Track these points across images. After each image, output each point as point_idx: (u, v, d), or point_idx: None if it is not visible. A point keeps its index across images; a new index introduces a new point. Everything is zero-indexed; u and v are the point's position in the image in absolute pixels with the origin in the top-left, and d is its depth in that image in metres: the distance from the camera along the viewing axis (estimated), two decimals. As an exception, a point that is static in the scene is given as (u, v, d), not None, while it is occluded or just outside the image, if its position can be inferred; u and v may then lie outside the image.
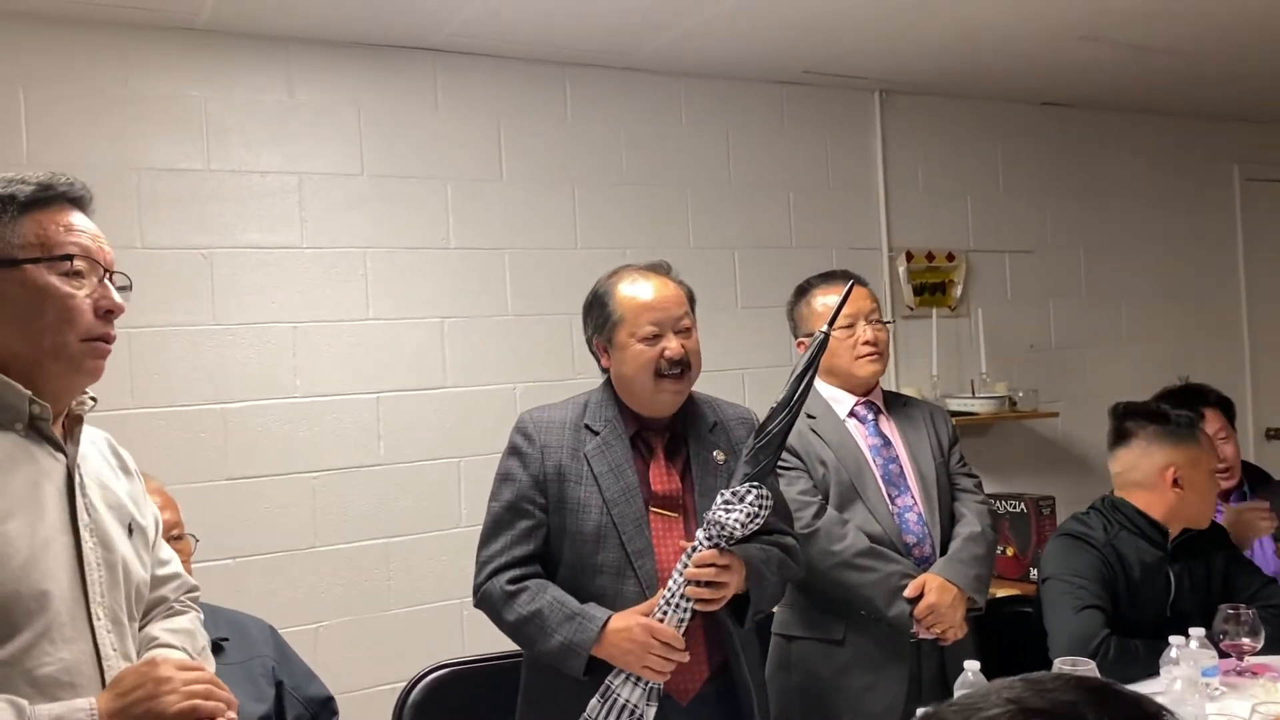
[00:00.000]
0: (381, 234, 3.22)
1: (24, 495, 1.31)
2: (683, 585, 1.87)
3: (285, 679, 2.24)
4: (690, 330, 2.04)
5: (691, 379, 2.04)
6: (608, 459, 1.99)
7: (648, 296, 2.02)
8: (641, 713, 1.87)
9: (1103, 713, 0.70)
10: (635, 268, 2.09)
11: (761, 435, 1.89)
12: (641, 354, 1.99)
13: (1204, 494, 2.50)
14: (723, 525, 1.85)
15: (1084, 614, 2.34)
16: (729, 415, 2.14)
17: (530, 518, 1.99)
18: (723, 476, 2.03)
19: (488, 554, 2.00)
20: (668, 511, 1.99)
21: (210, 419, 2.97)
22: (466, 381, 3.30)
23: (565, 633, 1.89)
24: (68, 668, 1.29)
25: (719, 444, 2.07)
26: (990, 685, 0.73)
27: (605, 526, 1.95)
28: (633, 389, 2.02)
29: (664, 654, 1.85)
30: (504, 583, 1.95)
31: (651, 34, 3.29)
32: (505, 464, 2.05)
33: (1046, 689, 0.71)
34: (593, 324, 2.08)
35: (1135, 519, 2.48)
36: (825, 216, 3.95)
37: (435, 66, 3.31)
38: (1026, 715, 0.69)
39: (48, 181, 1.39)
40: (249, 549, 2.98)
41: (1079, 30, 3.50)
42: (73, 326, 1.36)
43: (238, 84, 3.05)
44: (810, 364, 1.93)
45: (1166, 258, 4.72)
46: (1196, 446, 2.51)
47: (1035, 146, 4.43)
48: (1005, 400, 4.00)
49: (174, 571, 1.60)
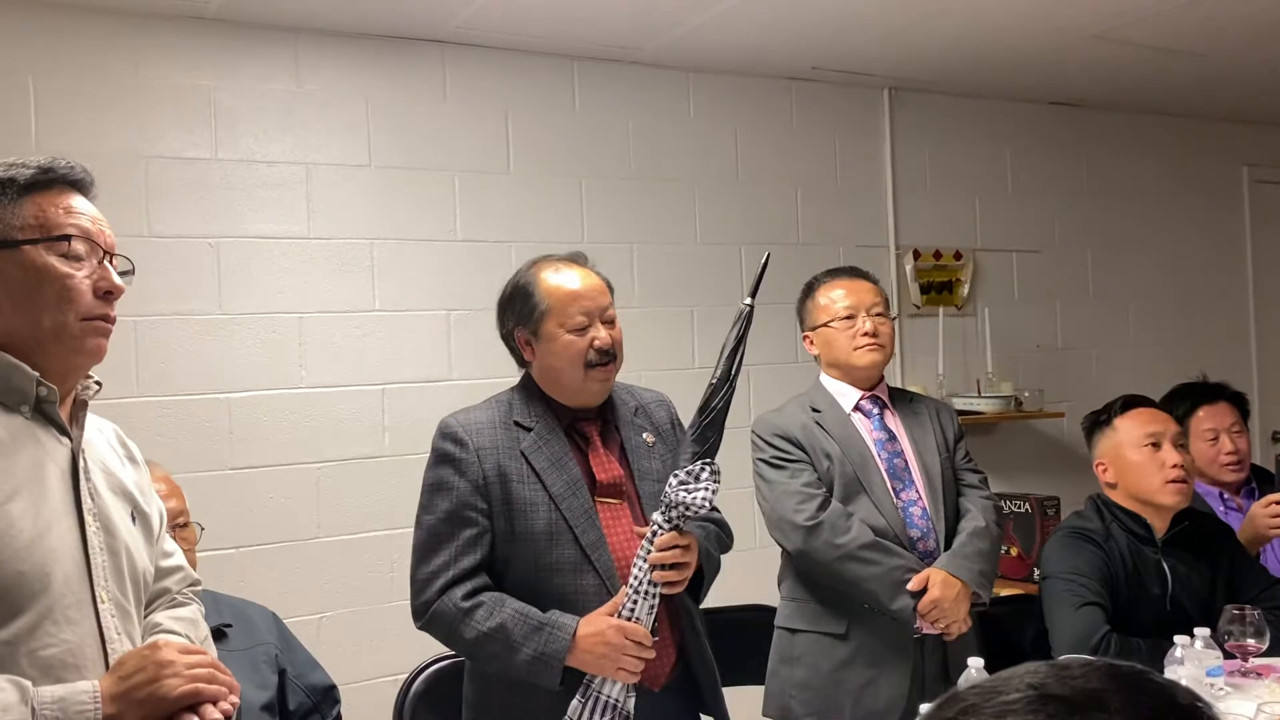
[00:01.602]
0: (388, 225, 3.22)
1: (28, 477, 1.31)
2: (648, 571, 1.84)
3: (288, 667, 2.24)
4: (614, 319, 2.02)
5: (617, 368, 2.02)
6: (547, 454, 1.94)
7: (576, 286, 1.98)
8: (624, 706, 1.85)
9: (1129, 702, 0.66)
10: (555, 258, 2.04)
11: (707, 413, 1.88)
12: (571, 345, 1.94)
13: (1140, 469, 2.49)
14: (687, 505, 1.83)
15: (1084, 611, 2.34)
16: (647, 399, 2.14)
17: (473, 525, 1.90)
18: (655, 458, 2.03)
19: (429, 570, 1.89)
20: (612, 499, 1.97)
21: (215, 408, 2.97)
22: (472, 374, 3.29)
23: (534, 645, 1.83)
24: (71, 649, 1.29)
25: (645, 427, 2.08)
26: (1015, 669, 0.70)
27: (556, 523, 1.90)
28: (560, 380, 1.98)
29: (636, 653, 1.83)
30: (458, 598, 1.86)
31: (661, 28, 3.28)
32: (435, 473, 1.95)
33: (1073, 675, 0.68)
34: (514, 316, 2.00)
35: (1119, 513, 2.51)
36: (833, 214, 3.94)
37: (444, 58, 3.31)
38: (1045, 702, 0.66)
39: (48, 165, 1.39)
40: (252, 539, 2.98)
41: (1090, 29, 3.49)
42: (72, 306, 1.36)
43: (246, 74, 3.05)
44: (740, 339, 1.91)
45: (1175, 259, 4.71)
46: (1110, 430, 2.57)
47: (1044, 146, 4.42)
48: (1011, 400, 4.00)
49: (177, 564, 1.60)
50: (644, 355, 3.46)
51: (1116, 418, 2.57)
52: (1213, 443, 3.08)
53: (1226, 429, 3.09)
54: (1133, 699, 0.66)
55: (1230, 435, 3.09)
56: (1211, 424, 3.09)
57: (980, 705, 0.68)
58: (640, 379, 3.45)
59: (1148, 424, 2.52)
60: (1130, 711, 0.66)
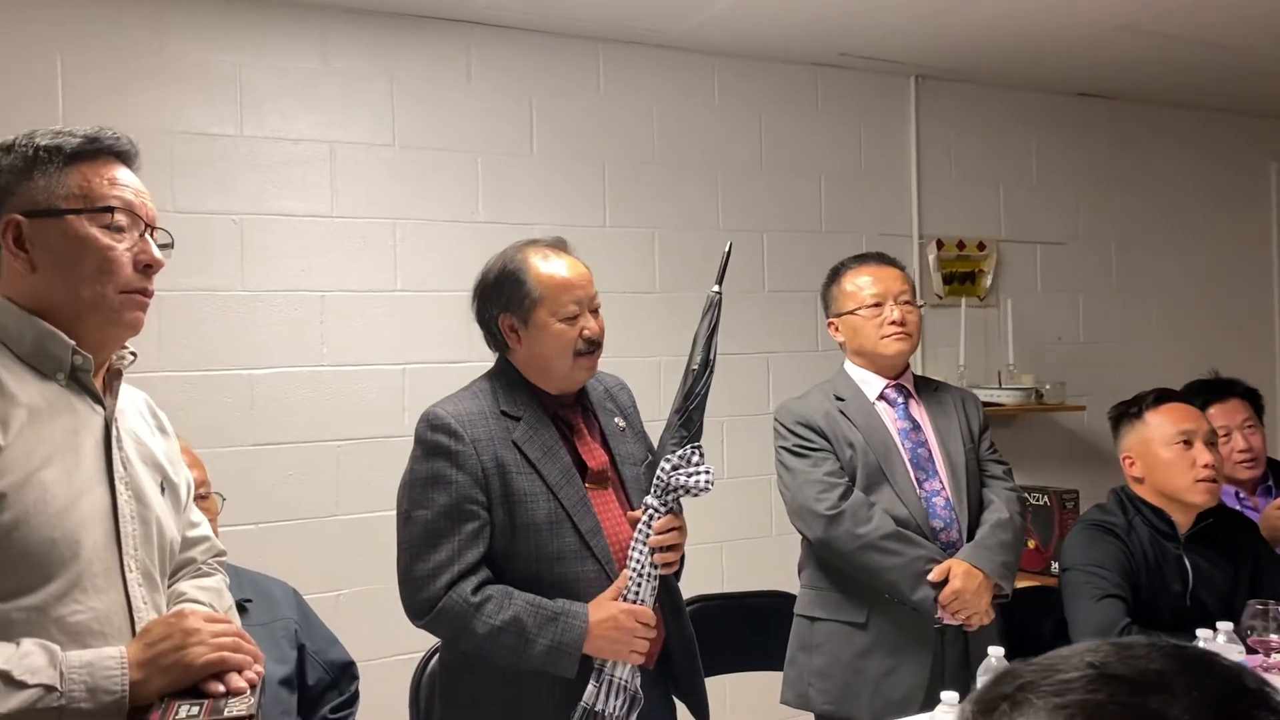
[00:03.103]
0: (411, 205, 3.22)
1: (62, 444, 1.31)
2: (649, 554, 1.88)
3: (308, 642, 2.25)
4: (599, 308, 2.01)
5: (599, 355, 2.01)
6: (539, 443, 1.92)
7: (566, 275, 1.95)
8: (633, 686, 1.88)
9: (1193, 684, 0.64)
10: (542, 243, 2.01)
11: (691, 398, 1.93)
12: (563, 334, 1.92)
13: (1170, 466, 2.47)
14: (688, 489, 1.90)
15: (1104, 603, 2.33)
16: (611, 383, 2.15)
17: (475, 519, 1.86)
18: (629, 442, 2.05)
19: (431, 566, 1.85)
20: (598, 485, 1.97)
21: (237, 384, 2.98)
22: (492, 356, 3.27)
23: (550, 635, 1.82)
24: (99, 617, 1.29)
25: (615, 411, 2.09)
26: (1076, 646, 0.69)
27: (555, 512, 1.89)
28: (548, 368, 1.96)
29: (645, 635, 1.87)
30: (467, 593, 1.83)
31: (686, 11, 3.26)
32: (428, 466, 1.89)
33: (1135, 655, 0.66)
34: (502, 301, 1.95)
35: (1143, 508, 2.50)
36: (857, 201, 3.92)
37: (469, 38, 3.30)
38: (1107, 681, 0.64)
39: (94, 134, 1.39)
40: (272, 515, 3.00)
41: (1118, 20, 3.46)
42: (112, 278, 1.36)
43: (272, 51, 3.05)
44: (713, 326, 1.97)
45: (1199, 254, 4.67)
46: (1140, 423, 2.54)
47: (1070, 137, 4.38)
48: (1032, 392, 3.97)
49: (203, 534, 1.61)
50: (662, 341, 3.45)
51: (1148, 411, 2.54)
52: (1225, 440, 3.06)
53: (1239, 426, 3.08)
54: (1198, 681, 0.64)
55: (1243, 432, 3.07)
56: (1224, 421, 3.07)
57: (1038, 682, 0.67)
58: (659, 365, 3.47)
59: (1180, 421, 2.50)
60: (1195, 694, 0.63)
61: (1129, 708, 0.62)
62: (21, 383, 1.31)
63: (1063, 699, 0.64)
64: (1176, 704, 0.62)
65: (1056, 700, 0.64)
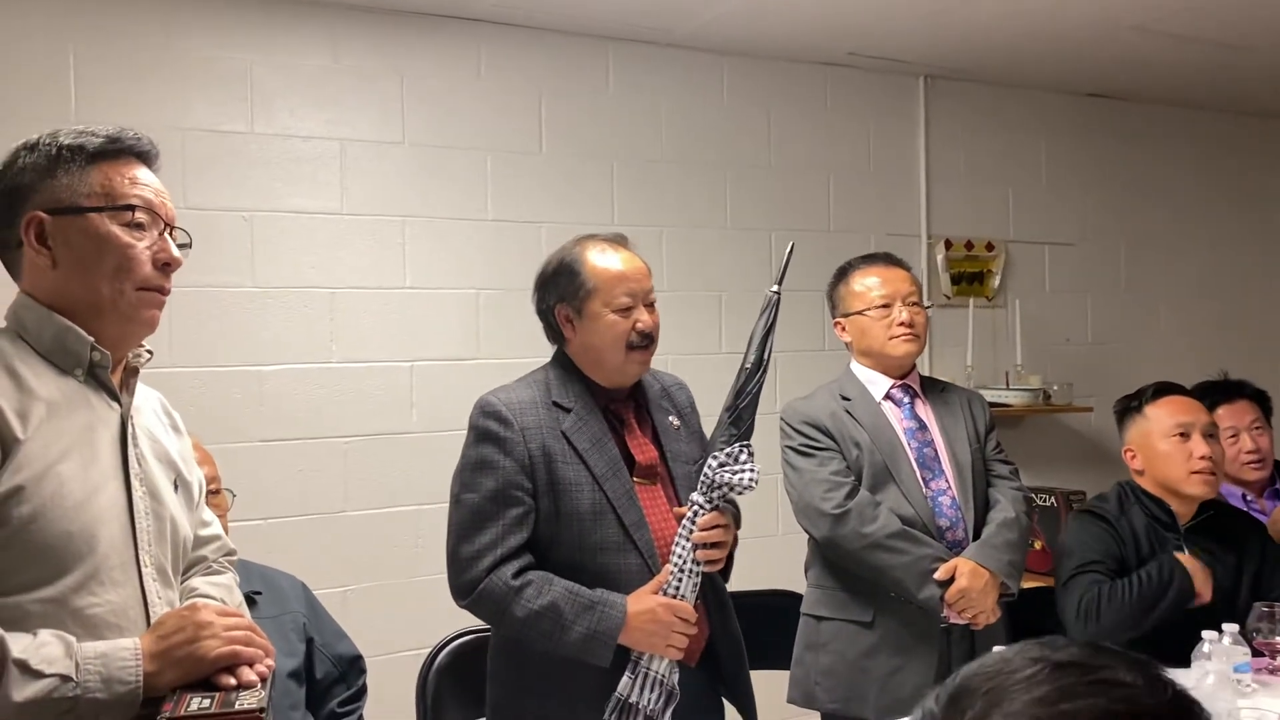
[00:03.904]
0: (421, 203, 3.23)
1: (79, 439, 1.33)
2: (691, 550, 1.88)
3: (316, 636, 2.26)
4: (654, 303, 2.05)
5: (654, 351, 2.04)
6: (587, 434, 1.96)
7: (621, 267, 2.00)
8: (669, 681, 1.88)
9: (1113, 656, 0.71)
10: (600, 238, 2.06)
11: (743, 396, 1.93)
12: (615, 325, 1.97)
13: (1167, 458, 2.50)
14: (732, 485, 1.89)
15: (1077, 579, 2.40)
16: (668, 382, 2.17)
17: (519, 504, 1.91)
18: (682, 440, 2.07)
19: (476, 548, 1.89)
20: (647, 480, 1.99)
21: (246, 381, 2.99)
22: (500, 354, 3.30)
23: (586, 623, 1.85)
24: (115, 609, 1.31)
25: (670, 409, 2.10)
26: (1006, 651, 0.73)
27: (599, 503, 1.92)
28: (601, 360, 2.00)
29: (684, 630, 1.87)
30: (508, 576, 1.87)
31: (695, 10, 3.27)
32: (478, 451, 1.94)
33: (1059, 646, 0.72)
34: (558, 292, 2.01)
35: (1143, 498, 2.53)
36: (865, 201, 3.92)
37: (479, 37, 3.31)
38: (1059, 668, 0.69)
39: (116, 134, 1.42)
40: (280, 510, 3.01)
41: (1129, 20, 3.45)
42: (130, 276, 1.38)
43: (283, 48, 3.06)
44: (769, 326, 1.96)
45: (1209, 256, 4.66)
46: (1141, 417, 2.58)
47: (1080, 138, 4.38)
48: (1040, 393, 3.97)
49: (215, 533, 1.63)
50: (671, 339, 3.43)
51: (1148, 405, 2.57)
52: (1233, 441, 3.06)
53: (1247, 427, 3.08)
54: (1111, 652, 0.72)
55: (1251, 433, 3.08)
56: (1232, 422, 3.07)
57: (1004, 687, 0.70)
58: (667, 364, 3.47)
59: (1178, 413, 2.52)
60: (1123, 661, 0.71)
61: (1094, 682, 0.67)
62: (40, 378, 1.32)
63: (1034, 693, 0.68)
64: (1120, 669, 0.69)
65: (1027, 696, 0.68)
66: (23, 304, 1.38)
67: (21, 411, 1.28)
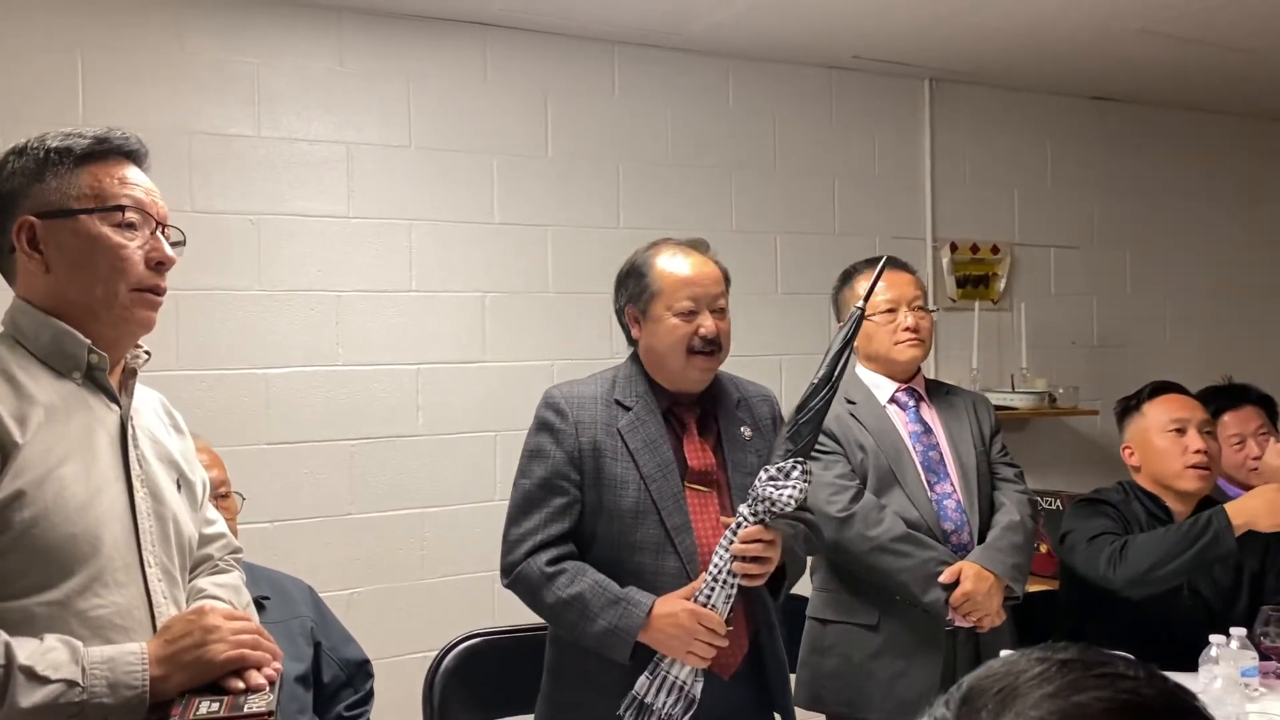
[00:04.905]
0: (427, 206, 3.24)
1: (79, 442, 1.33)
2: (729, 561, 1.86)
3: (323, 639, 2.26)
4: (725, 310, 2.05)
5: (721, 359, 2.03)
6: (642, 434, 1.98)
7: (687, 272, 2.01)
8: (690, 689, 1.87)
9: (1115, 658, 0.73)
10: (675, 242, 2.09)
11: (804, 411, 1.88)
12: (676, 328, 1.98)
13: (1162, 454, 2.51)
14: (774, 501, 1.84)
15: (1096, 541, 2.40)
16: (751, 393, 2.15)
17: (565, 494, 1.96)
18: (751, 452, 2.04)
19: (520, 531, 1.96)
20: (702, 487, 1.99)
21: (253, 383, 3.00)
22: (506, 357, 3.31)
23: (609, 618, 1.87)
24: (120, 611, 1.31)
25: (745, 420, 2.09)
26: (1008, 658, 0.76)
27: (643, 503, 1.94)
28: (663, 363, 2.02)
29: (708, 639, 1.85)
30: (543, 563, 1.92)
31: (701, 13, 3.27)
32: (535, 440, 2.01)
33: (1059, 649, 0.74)
34: (628, 293, 2.06)
35: (1141, 495, 2.54)
36: (870, 204, 3.92)
37: (484, 40, 3.31)
38: (1066, 665, 0.72)
39: (103, 135, 1.42)
40: (286, 513, 3.02)
41: (1134, 22, 3.45)
42: (123, 276, 1.38)
43: (290, 52, 3.07)
44: (846, 342, 1.93)
45: (1214, 259, 4.65)
46: (1138, 415, 2.59)
47: (1085, 141, 4.37)
48: (1045, 396, 3.97)
49: (219, 531, 1.62)
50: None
51: (1145, 403, 2.59)
52: (1239, 447, 3.05)
53: (1253, 433, 3.07)
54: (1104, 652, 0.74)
55: (1256, 439, 3.06)
56: (1237, 429, 3.06)
57: (1015, 685, 0.72)
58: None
59: (1174, 410, 2.54)
60: (1120, 657, 0.73)
61: (1099, 675, 0.70)
62: (38, 382, 1.33)
63: (1045, 689, 0.70)
64: (1119, 665, 0.72)
65: (1039, 692, 0.70)
66: (18, 309, 1.38)
67: (20, 416, 1.28)
